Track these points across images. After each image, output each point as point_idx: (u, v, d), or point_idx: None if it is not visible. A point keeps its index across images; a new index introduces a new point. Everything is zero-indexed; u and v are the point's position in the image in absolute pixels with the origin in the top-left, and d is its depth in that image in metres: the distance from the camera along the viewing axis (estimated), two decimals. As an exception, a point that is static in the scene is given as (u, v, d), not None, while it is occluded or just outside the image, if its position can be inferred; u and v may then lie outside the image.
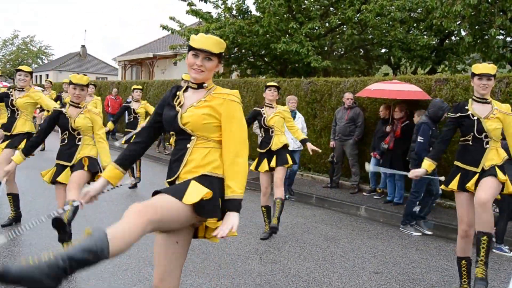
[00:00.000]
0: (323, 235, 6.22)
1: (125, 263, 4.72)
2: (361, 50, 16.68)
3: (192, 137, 2.58)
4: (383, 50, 16.05)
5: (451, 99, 7.81)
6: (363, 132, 8.69)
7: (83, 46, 48.42)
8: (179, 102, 2.65)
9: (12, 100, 5.83)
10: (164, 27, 14.98)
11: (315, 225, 6.69)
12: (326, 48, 15.25)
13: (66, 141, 4.66)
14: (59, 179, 4.62)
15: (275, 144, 5.83)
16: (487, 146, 4.11)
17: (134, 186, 8.74)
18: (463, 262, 4.29)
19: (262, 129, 5.95)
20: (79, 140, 4.68)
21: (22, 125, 5.86)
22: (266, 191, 5.93)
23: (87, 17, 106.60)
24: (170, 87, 10.12)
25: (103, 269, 4.53)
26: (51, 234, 5.58)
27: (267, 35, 13.26)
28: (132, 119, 8.98)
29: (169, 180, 2.65)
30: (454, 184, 4.25)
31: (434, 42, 14.10)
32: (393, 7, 13.06)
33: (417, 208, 7.21)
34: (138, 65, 29.41)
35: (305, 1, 13.84)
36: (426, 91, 7.98)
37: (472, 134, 4.15)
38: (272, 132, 5.87)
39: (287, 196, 7.99)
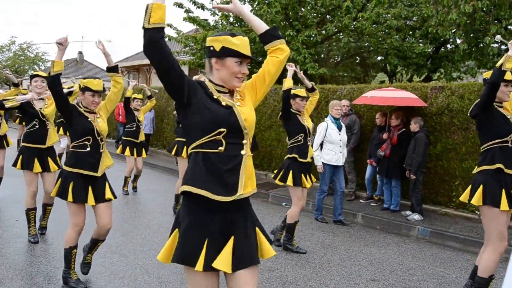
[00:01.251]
0: (320, 242, 6.22)
1: (122, 271, 4.71)
2: (357, 57, 16.73)
3: (244, 141, 2.37)
4: (379, 58, 16.11)
5: (446, 106, 7.86)
6: (360, 139, 8.71)
7: (80, 53, 48.43)
8: (220, 100, 2.38)
9: (40, 112, 5.42)
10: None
11: (312, 233, 6.69)
12: (322, 56, 15.30)
13: (89, 148, 4.07)
14: (90, 202, 4.16)
15: (310, 153, 5.64)
16: None
17: (126, 193, 8.73)
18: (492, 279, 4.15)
19: (302, 134, 5.58)
20: (103, 147, 4.21)
21: (54, 135, 5.64)
22: (303, 207, 5.74)
23: (86, 18, 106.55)
24: (162, 95, 9.44)
25: (99, 277, 4.52)
26: (50, 242, 5.57)
27: (264, 42, 13.29)
28: (134, 128, 8.63)
29: (229, 198, 2.29)
30: (505, 205, 3.88)
31: (429, 50, 14.16)
32: (389, 15, 13.13)
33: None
34: (135, 72, 29.40)
35: (302, 9, 13.90)
36: (422, 99, 8.03)
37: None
38: (309, 140, 5.63)
39: (342, 219, 7.35)
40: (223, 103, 2.35)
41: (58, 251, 5.19)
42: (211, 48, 2.37)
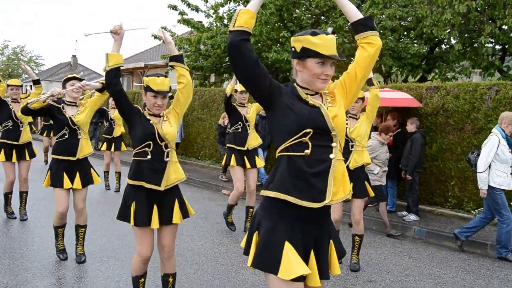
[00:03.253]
0: (316, 244, 6.20)
1: (118, 275, 4.68)
2: (352, 58, 16.76)
3: (334, 144, 2.22)
4: (374, 59, 16.14)
5: (441, 107, 7.87)
6: (355, 140, 8.70)
7: (74, 56, 48.28)
8: (307, 100, 2.25)
9: (70, 119, 4.78)
10: (155, 37, 14.98)
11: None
12: (317, 57, 15.32)
13: (149, 156, 3.41)
14: (154, 225, 3.48)
15: (354, 162, 4.96)
16: None
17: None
18: None
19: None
20: (168, 155, 3.47)
21: (87, 146, 4.94)
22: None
23: (86, 19, 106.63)
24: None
25: (95, 281, 4.49)
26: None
27: (259, 44, 13.30)
28: None
29: (316, 205, 2.16)
30: None
31: (424, 51, 14.21)
32: (383, 16, 13.15)
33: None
34: (129, 75, 29.34)
35: (296, 10, 13.92)
36: (417, 99, 8.04)
37: None
38: (352, 146, 4.98)
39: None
40: (311, 103, 2.24)
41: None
42: (293, 49, 2.27)
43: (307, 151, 2.16)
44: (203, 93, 13.58)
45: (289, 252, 2.14)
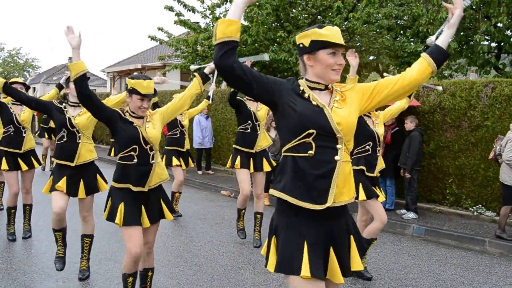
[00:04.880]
0: (315, 243, 6.20)
1: (117, 277, 4.66)
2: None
3: (339, 146, 2.18)
4: (371, 58, 16.18)
5: (438, 105, 7.89)
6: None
7: (71, 58, 48.25)
8: (310, 99, 2.20)
9: (69, 119, 4.37)
10: (152, 38, 14.98)
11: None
12: (314, 56, 15.32)
13: (136, 160, 3.42)
14: (145, 224, 3.50)
15: (380, 165, 4.72)
16: None
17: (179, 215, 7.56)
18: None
19: (370, 142, 4.62)
20: (153, 157, 3.50)
21: (89, 152, 4.47)
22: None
23: (83, 21, 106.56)
24: (161, 99, 8.97)
25: (95, 284, 4.49)
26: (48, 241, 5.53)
27: (256, 44, 13.30)
28: (178, 134, 7.37)
29: (318, 207, 2.15)
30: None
31: (421, 49, 14.24)
32: (380, 15, 13.18)
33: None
34: (127, 76, 29.35)
35: (293, 10, 13.93)
36: (415, 97, 8.05)
37: None
38: (378, 149, 4.65)
39: None
40: (314, 103, 2.19)
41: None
42: (301, 45, 2.24)
43: (311, 152, 2.14)
44: (202, 93, 13.54)
45: (310, 252, 2.14)
